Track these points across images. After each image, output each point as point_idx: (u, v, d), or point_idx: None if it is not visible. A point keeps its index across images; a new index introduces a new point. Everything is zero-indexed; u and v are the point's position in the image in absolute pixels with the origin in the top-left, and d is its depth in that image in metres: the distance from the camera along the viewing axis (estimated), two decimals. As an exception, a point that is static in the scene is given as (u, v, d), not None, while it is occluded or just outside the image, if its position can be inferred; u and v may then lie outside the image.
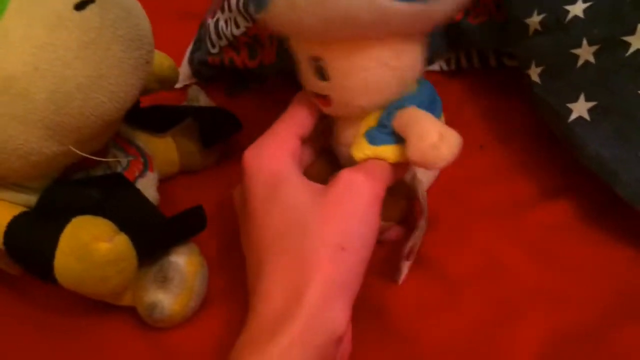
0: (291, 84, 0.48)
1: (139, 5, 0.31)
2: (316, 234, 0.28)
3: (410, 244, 0.34)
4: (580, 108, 0.34)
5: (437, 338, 0.33)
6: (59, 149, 0.29)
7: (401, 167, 0.31)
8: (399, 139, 0.30)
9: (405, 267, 0.35)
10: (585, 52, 0.33)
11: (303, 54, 0.30)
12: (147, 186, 0.37)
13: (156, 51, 0.36)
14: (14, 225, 0.31)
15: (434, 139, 0.27)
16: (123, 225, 0.32)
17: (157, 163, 0.40)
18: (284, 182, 0.30)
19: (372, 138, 0.30)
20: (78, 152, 0.30)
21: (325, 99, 0.30)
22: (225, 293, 0.37)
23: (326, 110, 0.32)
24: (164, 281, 0.34)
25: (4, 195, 0.32)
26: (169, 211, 0.35)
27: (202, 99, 0.46)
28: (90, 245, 0.30)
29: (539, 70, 0.36)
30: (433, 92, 0.31)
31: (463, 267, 0.35)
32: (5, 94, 0.27)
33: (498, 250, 0.36)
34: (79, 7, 0.27)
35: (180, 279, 0.34)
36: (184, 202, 0.37)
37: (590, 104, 0.33)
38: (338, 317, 0.27)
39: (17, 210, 0.32)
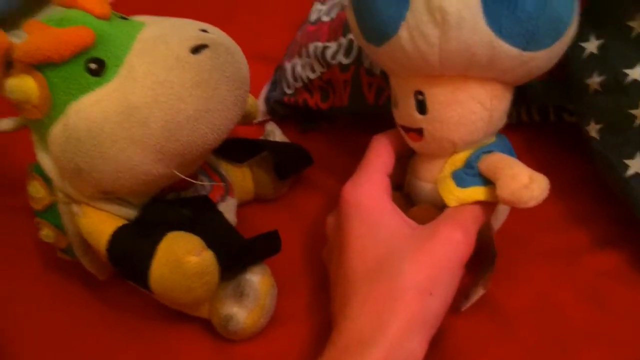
0: (358, 125, 0.52)
1: (240, 51, 0.35)
2: (410, 276, 0.30)
3: (484, 276, 0.36)
4: (637, 164, 0.35)
5: None
6: (164, 171, 0.33)
7: (487, 211, 0.33)
8: (485, 181, 0.33)
9: (475, 295, 0.36)
10: (643, 113, 0.35)
11: (406, 88, 0.33)
12: (227, 210, 0.41)
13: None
14: (118, 235, 0.35)
15: (526, 180, 0.30)
16: (208, 242, 0.35)
17: (235, 190, 0.44)
18: (382, 222, 0.33)
19: (460, 180, 0.33)
20: (178, 174, 0.34)
21: (418, 133, 0.34)
22: (290, 313, 0.39)
23: (416, 145, 0.35)
24: (240, 296, 0.37)
25: (110, 208, 0.36)
26: (245, 234, 0.38)
27: (277, 135, 0.49)
28: (183, 258, 0.33)
29: (598, 127, 0.38)
30: (510, 144, 0.35)
31: (519, 305, 0.37)
32: (127, 121, 0.31)
33: (553, 292, 0.37)
34: (195, 50, 0.32)
35: (255, 296, 0.37)
36: (258, 226, 0.40)
37: (647, 161, 0.35)
38: (416, 349, 0.30)
39: (119, 222, 0.36)
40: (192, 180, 0.35)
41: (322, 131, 0.53)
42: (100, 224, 0.36)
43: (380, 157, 0.36)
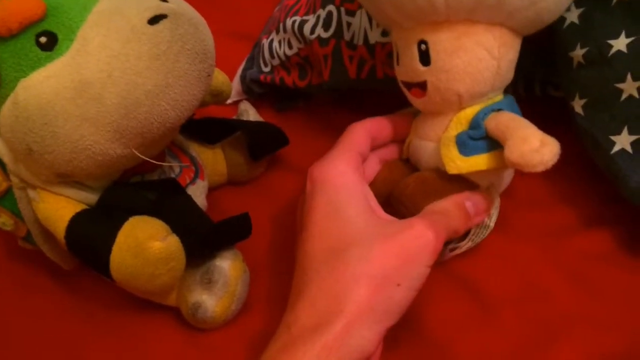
0: (336, 104, 0.51)
1: (205, 22, 0.33)
2: (378, 263, 0.29)
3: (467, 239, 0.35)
4: (623, 141, 0.34)
5: (473, 355, 0.33)
6: (123, 152, 0.31)
7: (462, 223, 0.33)
8: (490, 146, 0.31)
9: (461, 248, 0.35)
10: (630, 87, 0.33)
11: (409, 39, 0.32)
12: (197, 193, 0.39)
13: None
14: (76, 220, 0.33)
15: (536, 144, 0.28)
16: (174, 227, 0.34)
17: (206, 173, 0.42)
18: (349, 202, 0.32)
19: (464, 146, 0.32)
20: (140, 155, 0.32)
21: (421, 87, 0.32)
22: (264, 299, 0.38)
23: (419, 101, 0.34)
24: (208, 283, 0.35)
25: (68, 193, 0.34)
26: (216, 218, 0.37)
27: (251, 114, 0.48)
28: (145, 243, 0.32)
29: (582, 102, 0.36)
30: (516, 104, 0.33)
31: (501, 288, 0.36)
32: (80, 98, 0.29)
33: (537, 274, 0.36)
34: (152, 21, 0.30)
35: (224, 283, 0.36)
36: (230, 210, 0.39)
37: (634, 137, 0.34)
38: (371, 339, 0.28)
39: (79, 207, 0.34)
40: (155, 162, 0.33)
41: (299, 111, 0.51)
42: (58, 209, 0.34)
43: (353, 138, 0.35)
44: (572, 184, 0.40)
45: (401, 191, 0.35)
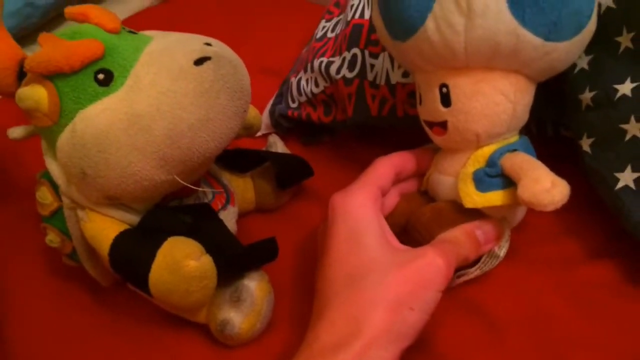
0: (359, 139, 0.53)
1: (242, 64, 0.36)
2: (393, 288, 0.31)
3: (476, 267, 0.37)
4: (627, 178, 0.36)
5: None
6: (166, 178, 0.34)
7: (471, 252, 0.35)
8: (505, 184, 0.34)
9: (468, 275, 0.37)
10: (633, 128, 0.36)
11: (431, 82, 0.35)
12: (228, 218, 0.42)
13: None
14: (120, 239, 0.36)
15: (548, 185, 0.31)
16: (208, 248, 0.36)
17: (237, 199, 0.45)
18: (367, 232, 0.34)
19: (480, 183, 0.34)
20: (180, 181, 0.35)
21: (442, 127, 0.35)
22: (286, 319, 0.40)
23: (440, 139, 0.36)
24: (237, 301, 0.38)
25: (114, 214, 0.37)
26: (245, 242, 0.39)
27: (279, 146, 0.51)
28: (182, 262, 0.34)
29: (590, 141, 0.39)
30: (531, 145, 0.36)
31: (509, 313, 0.38)
32: (131, 129, 0.32)
33: (543, 301, 0.38)
34: (197, 62, 0.33)
35: (251, 302, 0.38)
36: (258, 235, 0.41)
37: (637, 175, 0.36)
38: (388, 358, 0.30)
39: (122, 227, 0.37)
40: (193, 187, 0.36)
41: (324, 144, 0.54)
42: (104, 228, 0.37)
43: (376, 172, 0.38)
44: (579, 219, 0.42)
45: (417, 219, 0.37)
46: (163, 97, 0.32)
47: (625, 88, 0.36)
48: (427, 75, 0.35)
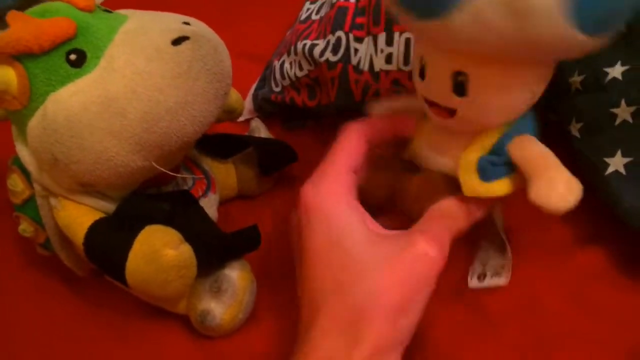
0: (343, 123, 0.52)
1: (223, 44, 0.35)
2: (383, 296, 0.28)
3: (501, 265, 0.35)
4: (617, 162, 0.35)
5: None
6: (142, 164, 0.33)
7: (467, 219, 0.32)
8: (509, 170, 0.30)
9: (492, 282, 0.34)
10: (624, 112, 0.35)
11: (443, 66, 0.29)
12: (209, 205, 0.41)
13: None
14: (95, 228, 0.35)
15: (561, 189, 0.28)
16: (187, 236, 0.35)
17: (218, 186, 0.44)
18: (348, 232, 0.30)
19: (484, 172, 0.31)
20: (158, 167, 0.33)
21: (448, 112, 0.30)
22: (269, 310, 0.39)
23: (440, 120, 0.31)
24: (217, 291, 0.37)
25: (89, 202, 0.36)
26: (226, 230, 0.38)
27: (262, 131, 0.49)
28: (159, 251, 0.33)
29: (579, 126, 0.38)
30: (533, 120, 0.32)
31: (501, 304, 0.37)
32: (105, 112, 0.31)
33: (536, 291, 0.37)
34: (175, 42, 0.32)
35: (232, 292, 0.37)
36: (240, 223, 0.40)
37: (627, 160, 0.35)
38: None
39: (97, 216, 0.36)
40: (171, 173, 0.35)
41: (308, 129, 0.53)
42: (78, 217, 0.35)
43: (345, 150, 0.33)
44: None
45: (405, 193, 0.34)
46: (139, 79, 0.31)
47: (616, 71, 0.35)
48: (440, 56, 0.29)
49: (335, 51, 0.46)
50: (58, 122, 0.31)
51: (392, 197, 0.36)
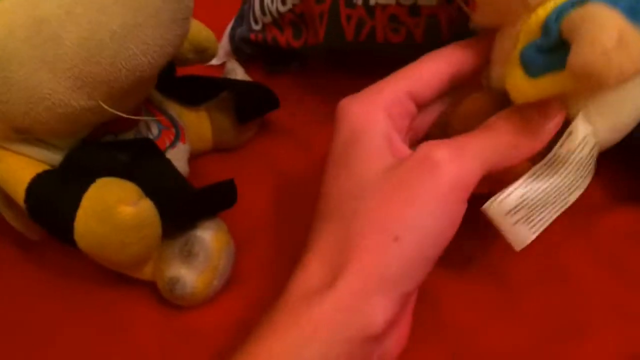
0: (333, 66, 0.47)
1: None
2: (369, 213, 0.24)
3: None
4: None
5: (494, 348, 0.30)
6: (87, 103, 0.27)
7: (536, 134, 0.25)
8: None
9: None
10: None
11: None
12: (178, 157, 0.36)
13: (194, 20, 0.34)
14: (37, 182, 0.30)
15: (610, 43, 0.19)
16: (149, 192, 0.30)
17: (189, 137, 0.39)
18: (361, 143, 0.26)
19: (530, 63, 0.23)
20: (107, 108, 0.28)
21: None
22: (249, 274, 0.35)
23: (477, 14, 0.27)
24: (188, 256, 0.32)
25: (28, 151, 0.31)
26: (199, 186, 0.34)
27: (239, 74, 0.44)
28: (113, 208, 0.28)
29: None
30: None
31: (523, 272, 0.32)
32: (36, 38, 0.25)
33: (563, 256, 0.33)
34: (119, -51, 0.26)
35: (206, 256, 0.33)
36: (215, 178, 0.35)
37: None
38: (375, 312, 0.23)
39: (40, 168, 0.31)
40: (127, 116, 0.29)
41: (292, 73, 0.48)
42: (17, 170, 0.30)
43: (416, 68, 0.28)
44: (603, 157, 0.36)
45: (453, 113, 0.29)
46: (75, -4, 0.25)
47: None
48: None
49: (323, -20, 0.41)
50: (-21, 52, 0.26)
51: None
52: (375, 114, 0.26)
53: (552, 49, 0.23)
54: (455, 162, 0.24)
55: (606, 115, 0.26)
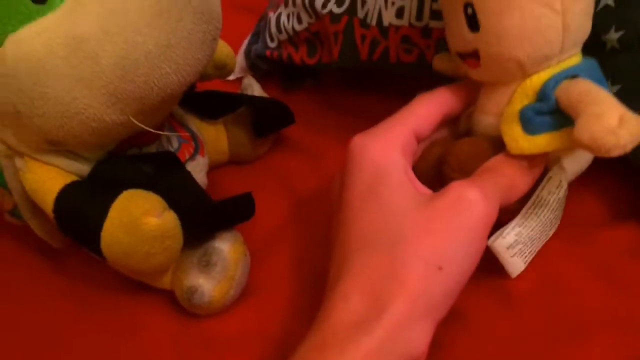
0: (347, 84, 0.48)
1: (211, -19, 0.31)
2: (413, 245, 0.26)
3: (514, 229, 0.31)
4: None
5: (493, 352, 0.31)
6: (119, 118, 0.29)
7: (527, 177, 0.28)
8: (560, 122, 0.27)
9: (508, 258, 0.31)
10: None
11: (455, 2, 0.28)
12: (197, 170, 0.37)
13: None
14: (66, 192, 0.31)
15: (613, 123, 0.23)
16: (172, 204, 0.31)
17: (207, 150, 0.40)
18: (387, 179, 0.28)
19: (528, 123, 0.27)
20: (137, 123, 0.29)
21: (474, 57, 0.28)
22: (265, 285, 0.36)
23: (475, 72, 0.30)
24: (206, 266, 0.33)
25: (59, 162, 0.31)
26: (217, 198, 0.34)
27: (256, 89, 0.46)
28: (139, 219, 0.29)
29: (615, 89, 0.34)
30: (600, 71, 0.28)
31: (524, 283, 0.33)
32: (74, 56, 0.26)
33: (563, 269, 0.34)
34: (155, -25, 0.27)
35: (223, 266, 0.33)
36: (232, 190, 0.36)
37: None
38: (418, 338, 0.25)
39: (69, 179, 0.32)
40: (154, 131, 0.31)
41: (307, 89, 0.49)
42: (47, 180, 0.31)
43: (414, 111, 0.31)
44: (602, 175, 0.37)
45: (450, 154, 0.31)
46: (112, 17, 0.26)
47: (660, 25, 0.31)
48: None
49: (340, 2, 0.42)
50: (18, 68, 0.27)
51: (439, 171, 0.32)
52: (395, 152, 0.29)
53: (549, 113, 0.27)
54: (485, 201, 0.26)
55: (577, 160, 0.31)
